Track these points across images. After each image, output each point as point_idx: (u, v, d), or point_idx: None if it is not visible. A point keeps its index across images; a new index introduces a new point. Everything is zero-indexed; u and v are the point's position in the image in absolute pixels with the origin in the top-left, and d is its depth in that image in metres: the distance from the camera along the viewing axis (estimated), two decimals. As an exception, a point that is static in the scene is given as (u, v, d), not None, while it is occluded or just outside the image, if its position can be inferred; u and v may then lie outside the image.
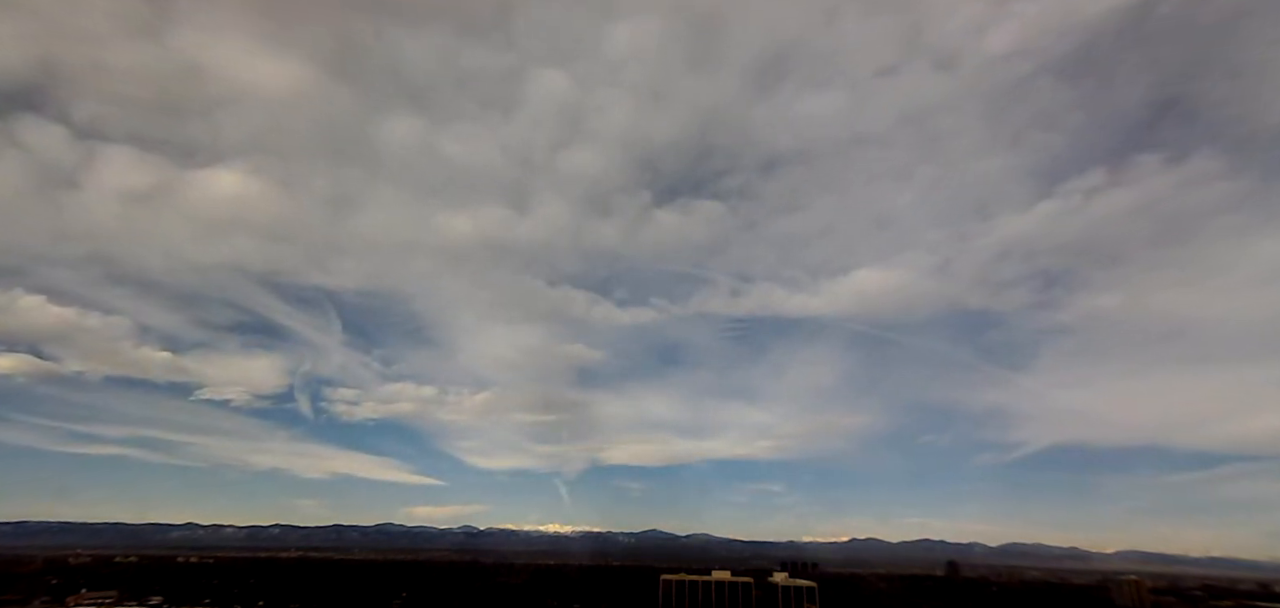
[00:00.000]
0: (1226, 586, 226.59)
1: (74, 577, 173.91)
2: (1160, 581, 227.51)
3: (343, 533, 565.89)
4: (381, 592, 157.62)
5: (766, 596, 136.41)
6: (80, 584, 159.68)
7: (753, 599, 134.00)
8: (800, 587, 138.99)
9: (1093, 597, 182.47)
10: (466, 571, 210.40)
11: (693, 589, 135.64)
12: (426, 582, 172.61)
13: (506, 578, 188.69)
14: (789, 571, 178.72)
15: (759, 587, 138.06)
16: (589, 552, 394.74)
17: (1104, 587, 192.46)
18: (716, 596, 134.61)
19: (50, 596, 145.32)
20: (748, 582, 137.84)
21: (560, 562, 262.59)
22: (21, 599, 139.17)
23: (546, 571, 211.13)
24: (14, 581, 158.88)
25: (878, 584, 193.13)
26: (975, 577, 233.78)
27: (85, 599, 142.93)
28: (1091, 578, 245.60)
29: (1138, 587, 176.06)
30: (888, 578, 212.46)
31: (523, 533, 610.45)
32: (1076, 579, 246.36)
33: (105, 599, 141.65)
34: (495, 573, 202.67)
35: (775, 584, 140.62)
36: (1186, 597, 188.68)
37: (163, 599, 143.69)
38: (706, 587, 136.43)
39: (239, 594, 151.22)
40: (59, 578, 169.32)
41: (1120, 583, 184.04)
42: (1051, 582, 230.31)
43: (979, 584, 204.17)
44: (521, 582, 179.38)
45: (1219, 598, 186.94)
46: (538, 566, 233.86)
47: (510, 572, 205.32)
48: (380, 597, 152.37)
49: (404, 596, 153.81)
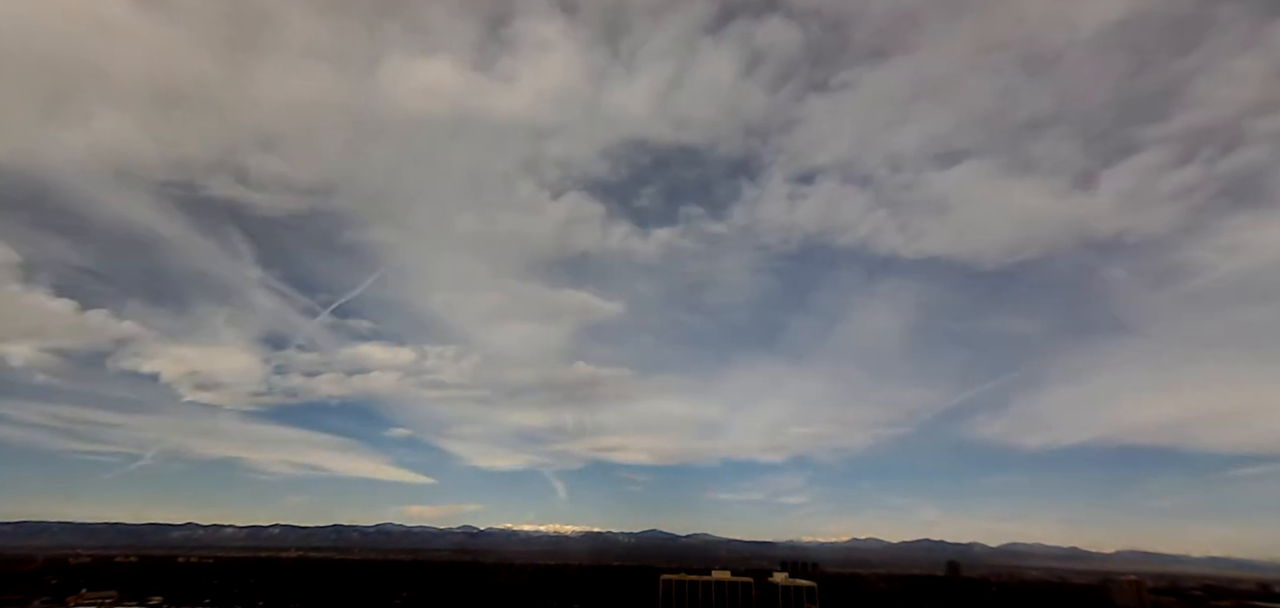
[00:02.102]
0: (1226, 585, 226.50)
1: (74, 577, 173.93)
2: (1160, 581, 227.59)
3: (343, 533, 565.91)
4: (381, 592, 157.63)
5: (766, 596, 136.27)
6: (80, 584, 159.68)
7: (753, 599, 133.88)
8: (800, 587, 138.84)
9: (1093, 597, 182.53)
10: (466, 571, 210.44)
11: (693, 589, 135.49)
12: (426, 582, 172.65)
13: (506, 578, 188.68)
14: (789, 571, 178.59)
15: (759, 587, 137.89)
16: (589, 552, 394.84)
17: (1104, 587, 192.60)
18: (716, 596, 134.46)
19: (50, 596, 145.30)
20: (748, 582, 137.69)
21: (560, 562, 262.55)
22: (21, 599, 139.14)
23: (546, 571, 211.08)
24: (14, 581, 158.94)
25: (878, 584, 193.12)
26: (975, 577, 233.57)
27: (85, 599, 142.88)
28: (1091, 578, 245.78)
29: (1138, 587, 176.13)
30: (888, 578, 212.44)
31: (522, 533, 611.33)
32: (1076, 579, 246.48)
33: (105, 599, 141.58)
34: (495, 573, 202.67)
35: (775, 584, 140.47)
36: (1186, 597, 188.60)
37: (163, 599, 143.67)
38: (706, 587, 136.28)
39: (239, 594, 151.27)
40: (59, 578, 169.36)
41: (1120, 583, 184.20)
42: (1051, 582, 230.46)
43: (979, 584, 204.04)
44: (521, 582, 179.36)
45: (1219, 598, 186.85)
46: (538, 566, 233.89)
47: (510, 572, 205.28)
48: (380, 597, 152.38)
49: (404, 596, 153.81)
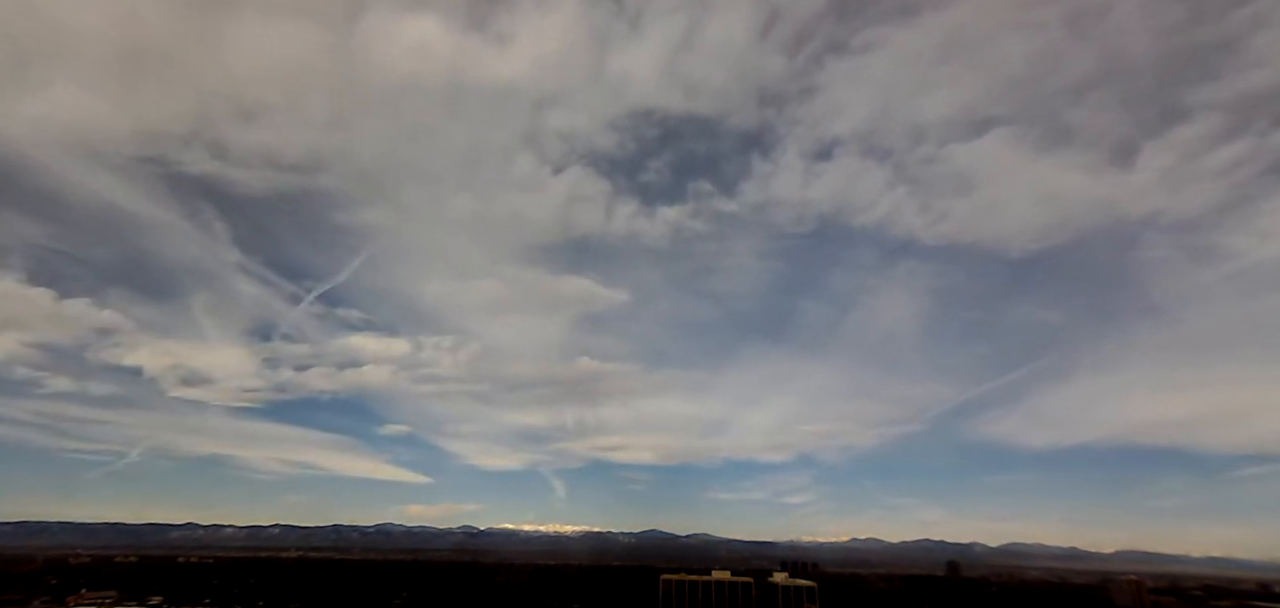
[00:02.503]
0: (1226, 585, 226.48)
1: (74, 577, 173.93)
2: (1160, 581, 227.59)
3: (343, 533, 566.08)
4: (381, 592, 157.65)
5: (766, 596, 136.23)
6: (80, 584, 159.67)
7: (753, 599, 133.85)
8: (800, 587, 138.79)
9: (1093, 597, 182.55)
10: (466, 571, 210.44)
11: (693, 589, 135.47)
12: (426, 582, 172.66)
13: (506, 578, 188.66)
14: (789, 571, 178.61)
15: (759, 587, 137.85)
16: (589, 552, 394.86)
17: (1104, 587, 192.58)
18: (716, 596, 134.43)
19: (50, 596, 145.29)
20: (748, 582, 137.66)
21: (560, 562, 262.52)
22: (21, 599, 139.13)
23: (546, 571, 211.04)
24: (14, 581, 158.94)
25: (878, 584, 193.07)
26: (975, 577, 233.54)
27: (85, 599, 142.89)
28: (1091, 578, 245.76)
29: (1138, 587, 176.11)
30: (888, 578, 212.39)
31: (522, 533, 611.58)
32: (1076, 579, 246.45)
33: (105, 599, 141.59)
34: (495, 573, 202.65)
35: (775, 584, 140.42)
36: (1186, 597, 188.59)
37: (163, 599, 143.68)
38: (706, 587, 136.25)
39: (239, 594, 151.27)
40: (59, 578, 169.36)
41: (1120, 583, 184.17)
42: (1051, 582, 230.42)
43: (979, 584, 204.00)
44: (521, 582, 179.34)
45: (1219, 598, 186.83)
46: (538, 566, 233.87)
47: (510, 572, 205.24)
48: (380, 597, 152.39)
49: (404, 596, 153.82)
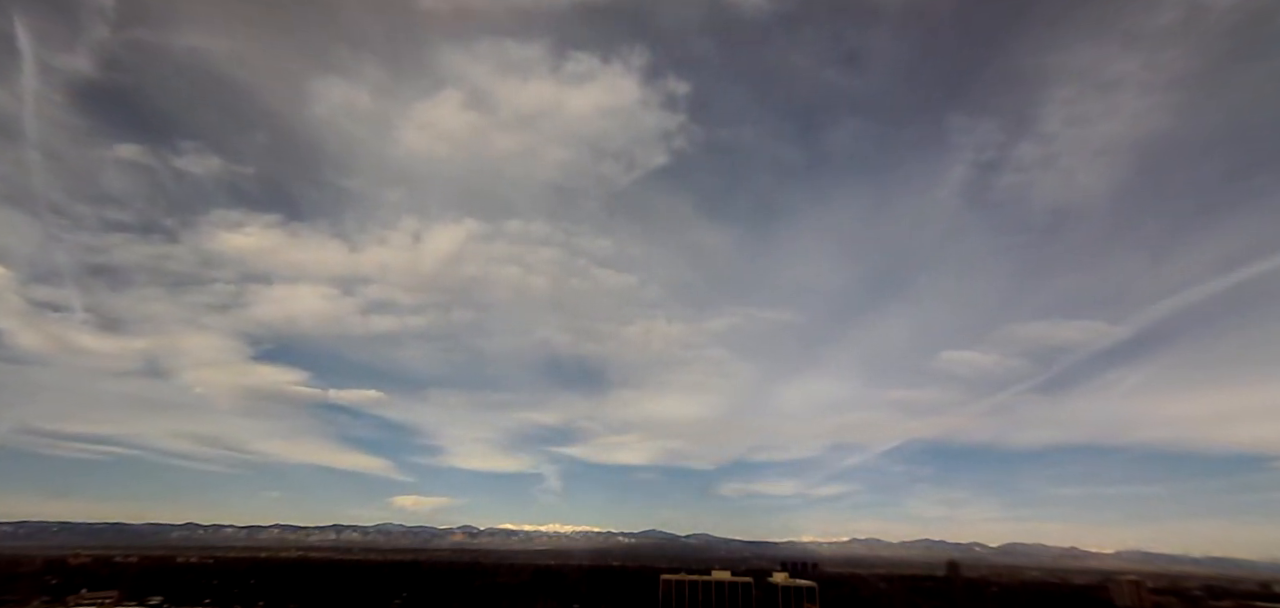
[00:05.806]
0: (1227, 586, 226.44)
1: (74, 577, 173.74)
2: (1160, 581, 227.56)
3: (342, 533, 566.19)
4: (381, 592, 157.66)
5: (766, 596, 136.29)
6: (80, 584, 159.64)
7: (753, 599, 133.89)
8: (800, 587, 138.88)
9: (1093, 597, 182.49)
10: (466, 571, 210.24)
11: (693, 589, 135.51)
12: (426, 582, 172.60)
13: (506, 578, 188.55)
14: (789, 571, 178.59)
15: (759, 587, 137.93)
16: (589, 552, 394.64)
17: (1104, 587, 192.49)
18: (716, 596, 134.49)
19: (50, 596, 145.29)
20: (748, 582, 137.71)
21: (560, 562, 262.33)
22: (21, 599, 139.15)
23: (546, 571, 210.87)
24: (14, 581, 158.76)
25: (878, 584, 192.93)
26: (975, 577, 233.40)
27: (85, 599, 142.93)
28: (1091, 578, 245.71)
29: (1138, 587, 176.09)
30: (888, 578, 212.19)
31: (523, 533, 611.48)
32: (1076, 579, 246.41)
33: (105, 599, 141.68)
34: (495, 573, 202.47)
35: (775, 585, 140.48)
36: (1186, 597, 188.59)
37: (163, 599, 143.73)
38: (706, 587, 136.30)
39: (239, 594, 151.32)
40: (59, 578, 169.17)
41: (1120, 583, 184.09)
42: (1051, 582, 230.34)
43: (979, 585, 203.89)
44: (521, 582, 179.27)
45: (1219, 598, 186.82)
46: (538, 566, 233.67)
47: (510, 572, 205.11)
48: (380, 597, 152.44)
49: (404, 596, 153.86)
